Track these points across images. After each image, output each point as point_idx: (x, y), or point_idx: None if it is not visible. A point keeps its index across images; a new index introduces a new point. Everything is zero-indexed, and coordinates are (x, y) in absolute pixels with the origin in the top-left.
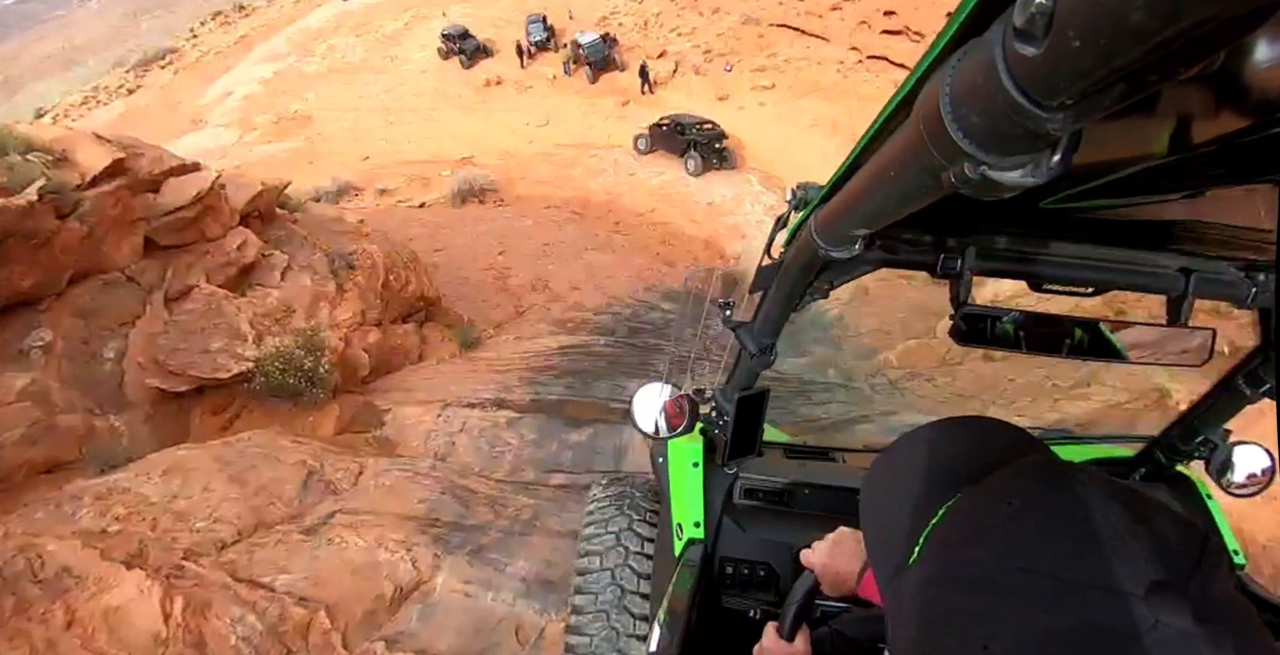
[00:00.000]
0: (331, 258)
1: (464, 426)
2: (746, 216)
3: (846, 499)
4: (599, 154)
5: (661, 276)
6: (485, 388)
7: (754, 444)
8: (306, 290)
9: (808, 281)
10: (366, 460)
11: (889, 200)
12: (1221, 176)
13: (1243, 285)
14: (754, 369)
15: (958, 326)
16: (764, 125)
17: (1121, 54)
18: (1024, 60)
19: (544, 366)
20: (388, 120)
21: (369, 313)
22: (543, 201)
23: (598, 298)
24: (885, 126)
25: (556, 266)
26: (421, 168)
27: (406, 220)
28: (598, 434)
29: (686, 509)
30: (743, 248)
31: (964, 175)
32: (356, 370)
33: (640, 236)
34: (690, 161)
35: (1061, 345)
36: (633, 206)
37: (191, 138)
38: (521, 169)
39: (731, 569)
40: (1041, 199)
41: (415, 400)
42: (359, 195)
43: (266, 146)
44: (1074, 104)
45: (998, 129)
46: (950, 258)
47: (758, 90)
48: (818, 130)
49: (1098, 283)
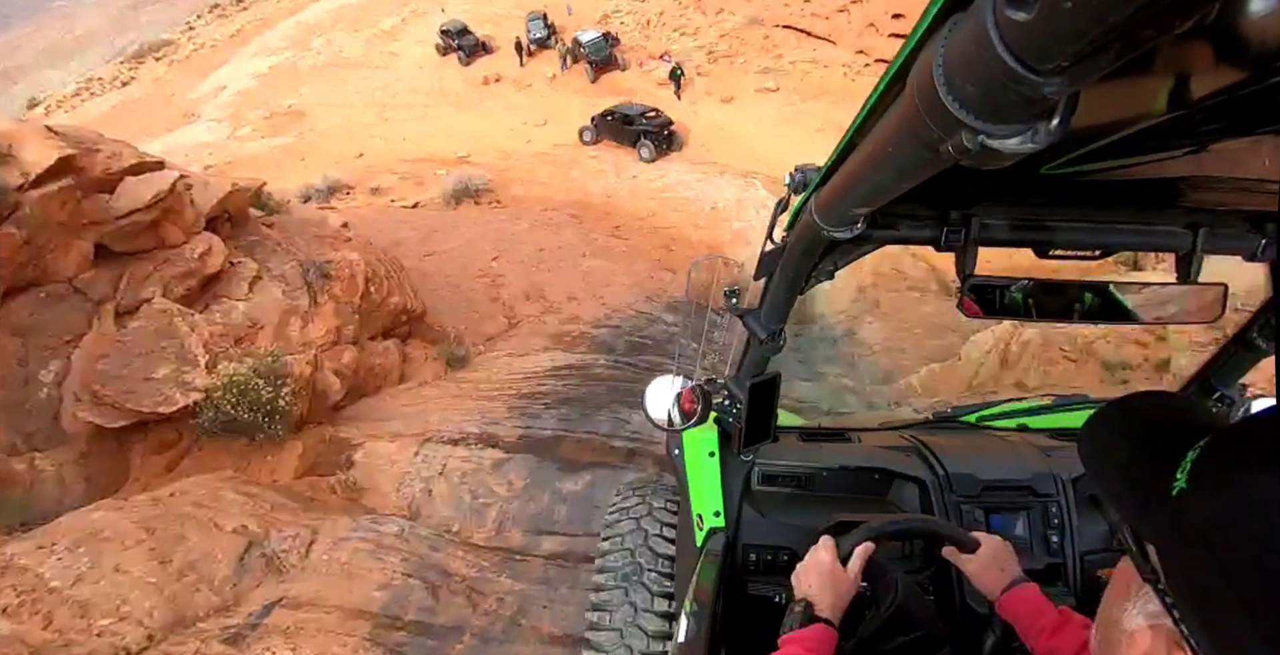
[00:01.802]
0: (306, 267)
1: (444, 469)
2: (751, 222)
3: (865, 479)
4: (598, 155)
5: (663, 285)
6: (470, 418)
7: (769, 430)
8: (277, 304)
9: (812, 264)
10: (323, 522)
11: (888, 176)
12: (1223, 130)
13: (1251, 238)
14: (764, 355)
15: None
16: (769, 129)
17: (1114, 12)
18: (1016, 25)
19: (536, 392)
20: (383, 117)
21: (345, 329)
22: (540, 203)
23: (595, 309)
24: (880, 103)
25: (552, 274)
26: (416, 166)
27: (397, 222)
28: (596, 483)
29: (706, 499)
30: (748, 254)
31: (962, 146)
32: (326, 397)
33: (641, 241)
34: (644, 149)
35: (1072, 311)
36: (633, 210)
37: (182, 132)
38: (519, 169)
39: (754, 556)
40: (1042, 165)
41: (391, 433)
42: (350, 194)
43: (258, 142)
44: (1069, 67)
45: (993, 97)
46: (953, 230)
47: (762, 93)
48: (824, 135)
49: (1104, 245)
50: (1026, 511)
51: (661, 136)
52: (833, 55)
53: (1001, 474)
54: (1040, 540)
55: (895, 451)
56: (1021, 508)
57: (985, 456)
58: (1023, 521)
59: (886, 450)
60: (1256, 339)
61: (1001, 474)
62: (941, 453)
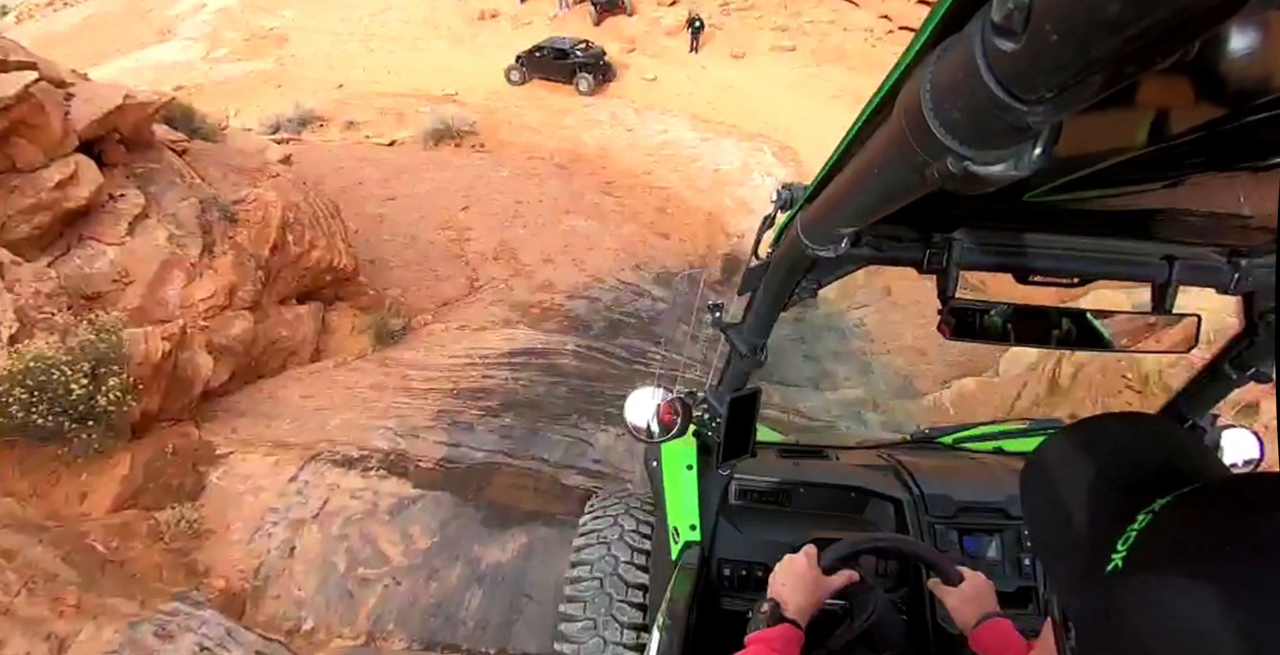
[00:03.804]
0: (205, 205)
1: (323, 508)
2: (755, 189)
3: (841, 496)
4: (594, 104)
5: (653, 252)
6: (382, 425)
7: (747, 445)
8: (157, 251)
9: (795, 281)
10: (85, 622)
11: (874, 198)
12: (1201, 164)
13: (1225, 271)
14: (745, 370)
15: (946, 321)
16: (781, 91)
17: (1099, 46)
18: (1003, 55)
19: (479, 388)
20: (369, 47)
21: (242, 290)
22: (526, 151)
23: (573, 276)
24: (867, 125)
25: (528, 231)
26: (398, 102)
27: (362, 160)
28: (533, 549)
29: (682, 512)
30: (749, 225)
31: (947, 170)
32: (192, 384)
33: (633, 201)
34: (581, 82)
35: (1050, 336)
36: (628, 165)
37: (154, 50)
38: (508, 112)
39: (729, 571)
40: (1025, 192)
41: (272, 441)
42: (324, 127)
43: (232, 65)
44: (1054, 97)
45: (979, 124)
46: (936, 253)
47: (777, 51)
48: (839, 102)
49: (1083, 273)
50: (1000, 534)
51: (598, 68)
52: (856, 18)
53: (976, 496)
54: (1013, 563)
55: (872, 471)
56: (995, 530)
57: (961, 478)
58: (996, 544)
59: (864, 469)
60: (1229, 370)
61: (976, 496)
62: (918, 473)
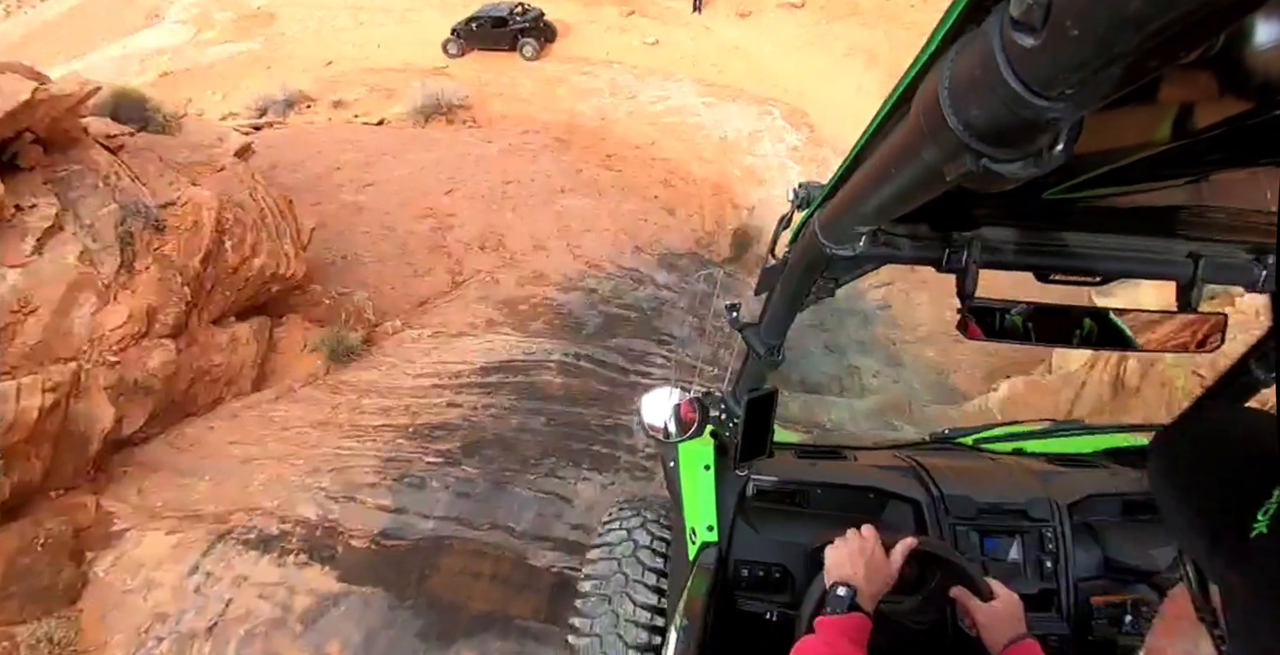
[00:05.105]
0: (125, 213)
1: (224, 612)
2: (765, 158)
3: (859, 497)
4: (592, 71)
5: (656, 231)
6: (316, 482)
7: (765, 445)
8: (67, 271)
9: (813, 280)
10: None
11: (891, 196)
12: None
13: (1252, 269)
14: (762, 370)
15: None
16: (791, 51)
17: (1120, 41)
18: (1022, 51)
19: (439, 424)
20: (358, 20)
21: (164, 313)
22: (520, 124)
23: (567, 263)
24: (885, 123)
25: (517, 214)
26: (388, 77)
27: (342, 142)
28: None
29: (699, 513)
30: (760, 196)
31: (966, 168)
32: (88, 440)
33: (635, 175)
34: (526, 48)
35: (1071, 336)
36: (629, 136)
37: (142, 36)
38: (500, 83)
39: (746, 571)
40: (1044, 189)
41: (182, 510)
42: (312, 107)
43: (221, 47)
44: (1074, 93)
45: (998, 121)
46: (955, 252)
47: (785, 8)
48: (853, 60)
49: (1105, 271)
50: (1021, 536)
51: (540, 31)
52: None
53: (997, 497)
54: (1034, 565)
55: (891, 471)
56: (1016, 532)
57: (981, 479)
58: (1017, 546)
59: (882, 469)
60: (1256, 370)
61: (997, 497)
62: (938, 474)
